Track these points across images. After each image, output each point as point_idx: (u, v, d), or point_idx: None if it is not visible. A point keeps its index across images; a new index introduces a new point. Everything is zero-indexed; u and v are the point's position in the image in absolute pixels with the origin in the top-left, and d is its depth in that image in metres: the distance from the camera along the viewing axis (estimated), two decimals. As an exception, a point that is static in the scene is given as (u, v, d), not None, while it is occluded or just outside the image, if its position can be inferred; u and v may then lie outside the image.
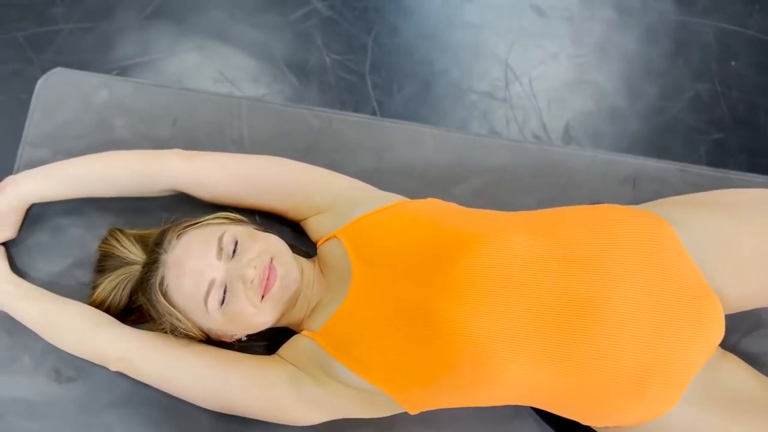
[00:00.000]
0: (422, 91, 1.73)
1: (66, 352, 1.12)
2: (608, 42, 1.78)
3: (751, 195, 1.05)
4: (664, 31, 1.79)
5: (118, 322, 1.11)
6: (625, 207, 1.04)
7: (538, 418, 1.14)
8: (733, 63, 1.76)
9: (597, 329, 0.92)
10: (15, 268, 1.19)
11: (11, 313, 1.14)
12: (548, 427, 1.14)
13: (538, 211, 1.07)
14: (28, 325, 1.13)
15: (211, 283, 0.98)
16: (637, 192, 1.27)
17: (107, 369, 1.11)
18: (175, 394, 1.08)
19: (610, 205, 1.06)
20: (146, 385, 1.11)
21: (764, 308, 1.17)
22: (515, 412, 1.14)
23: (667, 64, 1.76)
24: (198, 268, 0.98)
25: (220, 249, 1.00)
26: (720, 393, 0.97)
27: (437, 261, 0.98)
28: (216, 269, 0.98)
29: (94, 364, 1.12)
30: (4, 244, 1.20)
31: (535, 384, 0.96)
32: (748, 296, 1.01)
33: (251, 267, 0.97)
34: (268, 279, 0.99)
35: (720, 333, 0.97)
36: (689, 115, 1.72)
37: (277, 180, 1.13)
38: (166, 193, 1.17)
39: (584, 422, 1.03)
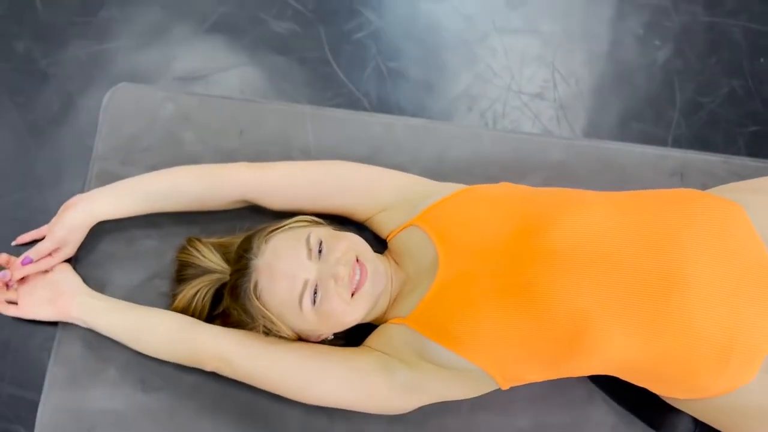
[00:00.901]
0: (475, 95, 1.80)
1: (150, 363, 1.14)
2: (646, 43, 1.88)
3: None
4: (696, 32, 1.88)
5: (208, 324, 1.13)
6: (695, 190, 1.10)
7: (611, 401, 1.18)
8: (762, 60, 1.85)
9: (683, 301, 0.97)
10: (92, 282, 1.21)
11: (95, 327, 1.16)
12: (620, 409, 1.19)
13: (611, 192, 1.12)
14: (115, 337, 1.15)
15: (305, 284, 1.01)
16: (686, 183, 1.33)
17: (193, 377, 1.13)
18: (270, 389, 1.10)
19: (686, 189, 1.11)
20: (233, 390, 1.14)
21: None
22: (588, 396, 1.19)
23: (702, 62, 1.85)
24: (291, 269, 1.02)
25: (309, 250, 1.03)
26: None
27: (528, 235, 1.03)
28: (308, 269, 1.02)
29: (179, 372, 1.15)
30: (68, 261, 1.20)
31: (628, 354, 1.00)
32: None
33: (341, 265, 1.01)
34: (360, 276, 1.03)
35: None
36: (727, 110, 1.80)
37: (342, 182, 1.17)
38: (236, 206, 1.20)
39: (668, 395, 1.08)
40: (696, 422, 1.12)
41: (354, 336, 1.16)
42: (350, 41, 1.79)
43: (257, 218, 1.22)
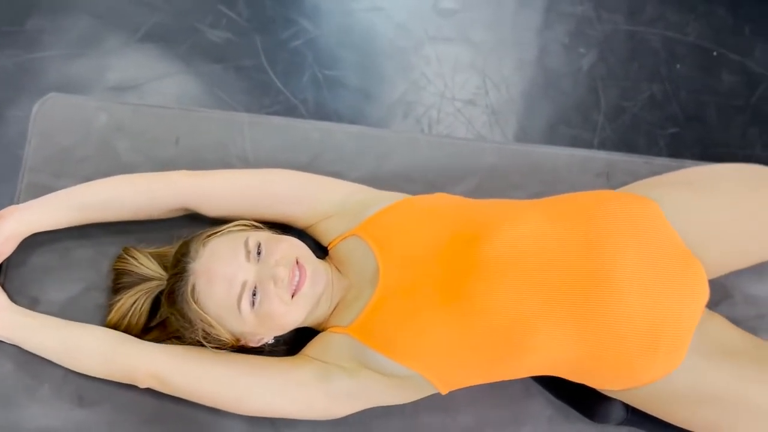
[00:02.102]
0: (411, 101, 1.84)
1: (86, 376, 1.11)
2: (571, 51, 1.96)
3: (717, 169, 1.20)
4: (618, 40, 1.99)
5: (142, 340, 1.11)
6: (611, 191, 1.16)
7: (547, 394, 1.23)
8: (678, 66, 1.96)
9: (610, 297, 1.02)
10: (26, 295, 1.18)
11: (24, 346, 1.12)
12: (556, 401, 1.23)
13: (538, 200, 1.17)
14: (45, 356, 1.12)
15: (243, 285, 1.01)
16: (612, 184, 1.39)
17: (132, 389, 1.10)
18: (207, 404, 1.09)
19: (599, 190, 1.17)
20: (173, 402, 1.12)
21: (730, 280, 1.30)
22: (526, 390, 1.23)
23: (624, 69, 1.95)
24: (229, 272, 1.01)
25: (248, 252, 1.03)
26: (714, 345, 1.08)
27: (466, 245, 1.06)
28: (246, 271, 1.01)
29: (118, 385, 1.12)
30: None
31: (565, 353, 1.05)
32: (726, 260, 1.15)
33: (281, 266, 1.01)
34: (300, 277, 1.03)
35: (706, 292, 1.09)
36: (648, 113, 1.90)
37: (282, 190, 1.17)
38: (175, 214, 1.19)
39: (605, 386, 1.13)
40: (627, 409, 1.17)
41: (298, 343, 1.16)
42: (287, 49, 1.81)
43: (196, 227, 1.20)
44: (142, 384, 1.08)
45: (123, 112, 1.33)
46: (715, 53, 1.98)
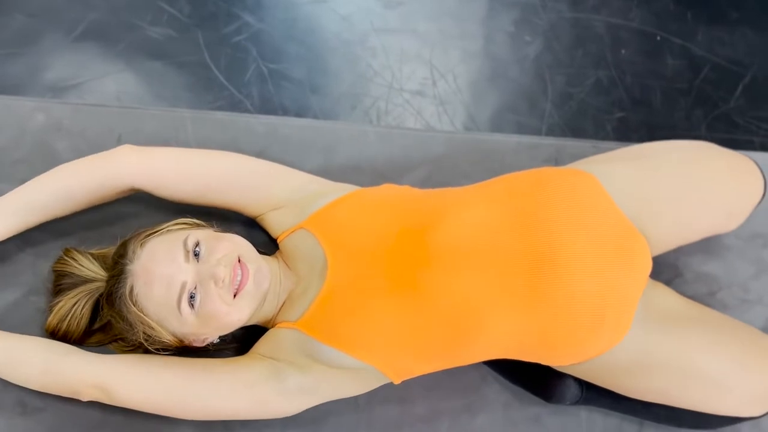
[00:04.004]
0: (358, 93, 1.83)
1: (30, 385, 1.08)
2: (517, 40, 1.98)
3: (657, 145, 1.21)
4: (562, 28, 2.01)
5: (83, 350, 1.08)
6: (554, 168, 1.17)
7: (503, 380, 1.23)
8: (623, 51, 1.99)
9: (554, 273, 1.03)
10: (-37, 302, 1.14)
11: None
12: (512, 386, 1.23)
13: (484, 182, 1.18)
14: None
15: (183, 286, 0.98)
16: (560, 169, 1.41)
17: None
18: (155, 412, 1.06)
19: (543, 168, 1.17)
20: (120, 408, 1.08)
21: (681, 259, 1.33)
22: (481, 378, 1.23)
23: (570, 55, 1.97)
24: (167, 272, 0.98)
25: (187, 252, 1.00)
26: (659, 314, 1.10)
27: (414, 236, 1.06)
28: (186, 272, 0.99)
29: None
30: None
31: (511, 333, 1.06)
32: (670, 234, 1.16)
33: (221, 266, 0.99)
34: (242, 276, 1.01)
35: (649, 264, 1.11)
36: (594, 99, 1.93)
37: (234, 172, 1.14)
38: (126, 194, 1.16)
39: (557, 363, 1.13)
40: (582, 388, 1.18)
41: (249, 340, 1.14)
42: (230, 44, 1.79)
43: (143, 225, 1.19)
44: (85, 397, 1.04)
45: (62, 112, 1.30)
46: (658, 38, 2.01)
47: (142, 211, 1.23)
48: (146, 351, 1.06)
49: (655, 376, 1.08)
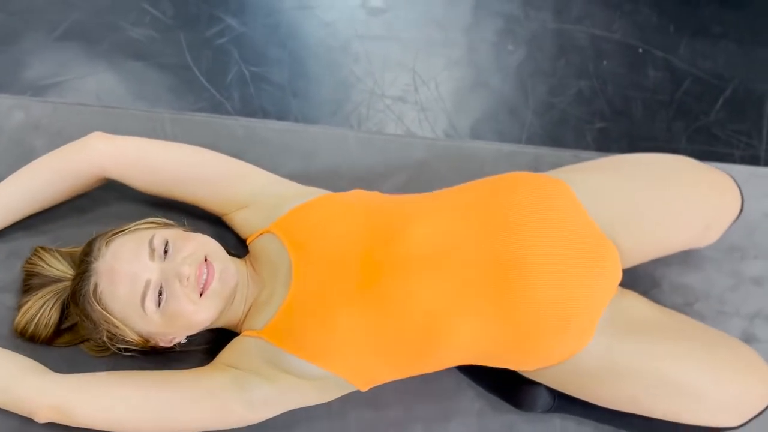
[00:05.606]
0: (340, 99, 1.83)
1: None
2: (500, 49, 1.99)
3: (635, 157, 1.22)
4: (545, 38, 2.02)
5: (45, 368, 1.05)
6: (526, 173, 1.16)
7: (478, 388, 1.23)
8: (605, 62, 2.01)
9: (521, 279, 1.03)
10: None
11: None
12: (486, 394, 1.23)
13: (454, 187, 1.17)
14: None
15: (147, 285, 0.97)
16: (540, 178, 1.41)
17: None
18: (119, 431, 1.02)
19: (514, 173, 1.17)
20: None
21: (659, 270, 1.33)
22: (456, 385, 1.23)
23: (552, 65, 1.99)
24: (132, 271, 0.97)
25: (152, 250, 0.99)
26: (627, 322, 1.10)
27: (379, 244, 1.06)
28: (150, 270, 0.98)
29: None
30: None
31: (478, 339, 1.05)
32: (643, 244, 1.16)
33: (186, 264, 0.98)
34: (207, 275, 1.00)
35: (618, 273, 1.11)
36: (576, 109, 1.94)
37: (200, 165, 1.14)
38: (100, 183, 1.16)
39: (523, 368, 1.13)
40: (554, 396, 1.18)
41: (218, 344, 1.13)
42: (211, 47, 1.79)
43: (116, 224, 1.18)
44: (40, 417, 1.00)
45: (41, 110, 1.29)
46: (640, 50, 2.03)
47: (123, 211, 1.22)
48: (116, 352, 1.05)
49: (623, 384, 1.08)
